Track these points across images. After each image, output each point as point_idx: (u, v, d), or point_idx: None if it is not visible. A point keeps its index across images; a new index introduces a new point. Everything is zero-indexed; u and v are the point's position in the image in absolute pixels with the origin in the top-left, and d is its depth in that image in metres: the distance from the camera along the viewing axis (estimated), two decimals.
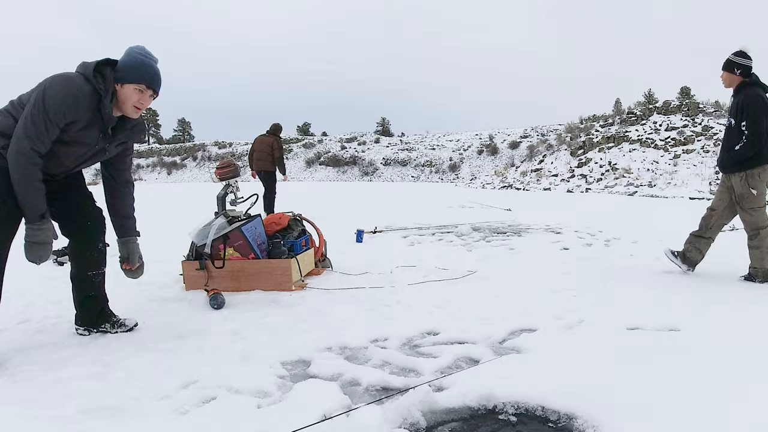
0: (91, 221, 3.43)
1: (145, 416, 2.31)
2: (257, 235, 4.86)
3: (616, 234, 8.27)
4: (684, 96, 36.59)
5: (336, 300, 4.31)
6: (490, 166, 39.78)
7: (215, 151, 56.89)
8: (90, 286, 3.48)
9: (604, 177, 26.24)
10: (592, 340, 3.20)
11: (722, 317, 3.63)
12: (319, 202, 16.97)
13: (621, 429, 2.06)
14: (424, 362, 2.90)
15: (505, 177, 31.38)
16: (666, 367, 2.69)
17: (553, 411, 2.29)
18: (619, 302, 4.09)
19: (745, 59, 5.16)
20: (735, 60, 5.18)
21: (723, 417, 2.13)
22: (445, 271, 5.40)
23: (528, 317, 3.72)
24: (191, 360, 2.97)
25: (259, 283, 4.65)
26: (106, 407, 2.38)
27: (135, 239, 3.57)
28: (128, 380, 2.69)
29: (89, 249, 3.44)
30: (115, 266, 3.62)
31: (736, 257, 5.90)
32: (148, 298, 4.44)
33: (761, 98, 5.14)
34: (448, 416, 2.31)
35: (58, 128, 2.90)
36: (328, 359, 2.99)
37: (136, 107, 3.11)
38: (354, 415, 2.23)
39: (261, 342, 3.29)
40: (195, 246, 4.78)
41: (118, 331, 3.49)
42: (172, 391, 2.56)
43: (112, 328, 3.49)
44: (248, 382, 2.63)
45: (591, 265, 5.72)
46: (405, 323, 3.57)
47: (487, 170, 37.99)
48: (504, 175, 31.79)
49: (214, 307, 4.08)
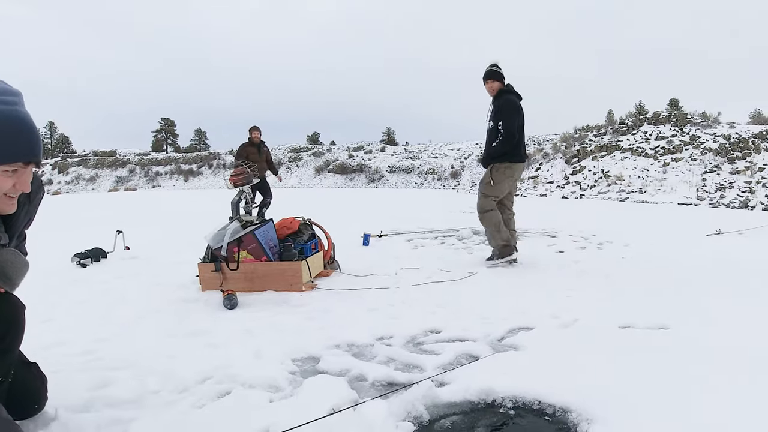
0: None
1: (165, 408, 2.32)
2: (269, 239, 4.87)
3: (608, 237, 8.25)
4: (673, 107, 36.45)
5: (343, 300, 4.31)
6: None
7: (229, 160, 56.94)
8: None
9: (597, 184, 26.19)
10: (586, 338, 3.19)
11: (709, 316, 3.62)
12: (327, 207, 16.99)
13: (613, 421, 2.05)
14: (427, 359, 2.90)
15: None
16: (655, 364, 2.68)
17: (548, 405, 2.28)
18: (611, 302, 4.08)
19: (500, 69, 6.01)
20: (497, 70, 5.99)
21: (707, 410, 2.13)
22: (446, 273, 5.40)
23: (525, 316, 3.71)
24: (207, 356, 2.97)
25: (271, 284, 4.65)
26: (127, 400, 2.39)
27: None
28: (148, 374, 2.70)
29: None
30: (137, 267, 3.61)
31: (724, 261, 5.89)
32: (167, 298, 4.45)
33: (515, 103, 5.96)
34: (450, 410, 2.31)
35: None
36: (336, 356, 2.99)
37: (9, 196, 1.83)
38: (361, 409, 2.23)
39: (272, 339, 3.29)
40: (210, 249, 4.79)
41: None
42: (189, 385, 2.56)
43: None
44: (261, 378, 2.63)
45: (585, 267, 5.70)
46: (409, 322, 3.57)
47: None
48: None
49: (227, 306, 4.09)
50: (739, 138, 25.37)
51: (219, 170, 57.60)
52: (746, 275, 5.03)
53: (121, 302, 4.34)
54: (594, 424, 2.06)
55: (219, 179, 52.28)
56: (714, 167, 23.59)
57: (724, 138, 25.87)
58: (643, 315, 3.65)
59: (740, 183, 21.48)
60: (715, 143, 25.59)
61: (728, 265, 5.33)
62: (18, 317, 2.05)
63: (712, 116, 30.06)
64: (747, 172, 22.28)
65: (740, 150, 24.19)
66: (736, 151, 24.16)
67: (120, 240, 7.18)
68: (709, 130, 27.56)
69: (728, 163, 23.57)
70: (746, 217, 13.64)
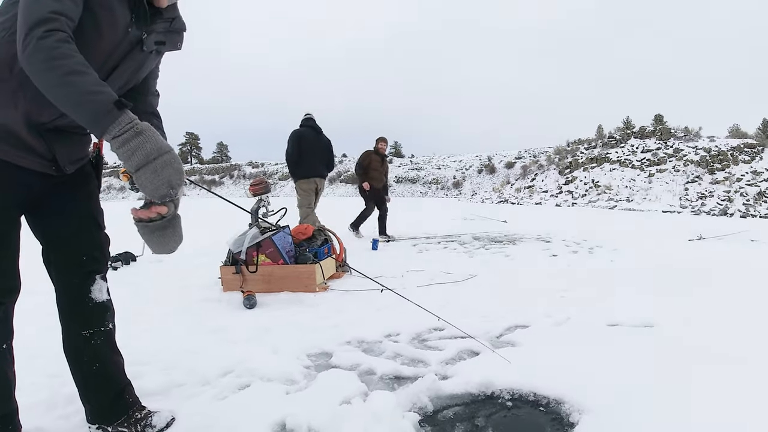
0: (88, 256, 1.83)
1: (190, 400, 2.32)
2: (286, 244, 4.88)
3: (598, 242, 8.21)
4: (657, 122, 36.32)
5: (354, 300, 4.31)
6: (489, 183, 39.60)
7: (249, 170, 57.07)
8: (88, 355, 1.87)
9: (588, 193, 26.08)
10: (578, 334, 3.18)
11: (691, 315, 3.60)
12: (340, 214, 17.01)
13: (602, 411, 2.05)
14: (431, 354, 2.90)
15: (501, 193, 31.25)
16: (641, 358, 2.67)
17: (543, 396, 2.28)
18: (601, 302, 4.06)
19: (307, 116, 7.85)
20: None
21: (687, 401, 2.12)
22: (449, 275, 5.39)
23: (522, 315, 3.70)
24: (228, 352, 2.98)
25: (287, 285, 4.66)
26: (155, 392, 2.40)
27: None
28: (174, 368, 2.71)
29: (79, 297, 1.84)
30: (164, 270, 3.62)
31: (705, 264, 5.86)
32: (191, 299, 4.46)
33: (295, 133, 7.63)
34: (452, 401, 2.30)
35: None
36: (348, 351, 2.99)
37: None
38: (370, 400, 2.23)
39: (289, 336, 3.30)
40: (232, 253, 4.81)
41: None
42: (212, 379, 2.57)
43: (135, 429, 1.92)
44: (278, 372, 2.64)
45: (577, 270, 5.68)
46: (414, 320, 3.57)
47: (486, 187, 37.80)
48: (501, 191, 31.65)
49: (247, 306, 4.09)
50: (719, 151, 25.21)
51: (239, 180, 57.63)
52: (725, 277, 5.00)
53: (149, 302, 4.36)
54: (585, 414, 2.06)
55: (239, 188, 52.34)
56: (695, 178, 23.45)
57: (704, 151, 25.73)
58: (630, 314, 3.63)
59: (720, 192, 21.33)
60: (696, 155, 25.45)
61: (708, 268, 5.30)
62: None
63: (694, 131, 29.85)
64: (726, 183, 22.14)
65: (720, 162, 24.04)
66: (716, 163, 24.01)
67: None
68: (691, 144, 27.40)
69: (709, 174, 23.42)
70: (725, 223, 13.56)
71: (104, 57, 1.62)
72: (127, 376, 2.04)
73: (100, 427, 1.93)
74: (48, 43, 1.35)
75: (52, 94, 1.38)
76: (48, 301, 2.13)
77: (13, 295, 1.70)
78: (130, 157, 1.41)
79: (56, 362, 2.68)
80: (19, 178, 1.64)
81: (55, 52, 1.35)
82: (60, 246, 1.82)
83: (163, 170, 1.43)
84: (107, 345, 1.92)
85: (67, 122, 1.64)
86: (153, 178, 1.42)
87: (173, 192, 1.46)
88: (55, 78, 1.35)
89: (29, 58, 1.36)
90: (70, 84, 1.35)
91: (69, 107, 1.38)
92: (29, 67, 1.37)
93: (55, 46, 1.35)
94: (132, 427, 1.92)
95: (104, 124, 1.38)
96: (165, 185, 1.44)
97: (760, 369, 2.51)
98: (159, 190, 1.44)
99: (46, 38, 1.35)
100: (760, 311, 3.72)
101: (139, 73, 1.81)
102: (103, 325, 1.89)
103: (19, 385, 1.81)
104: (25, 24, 1.38)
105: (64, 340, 1.89)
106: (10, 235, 1.66)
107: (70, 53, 1.37)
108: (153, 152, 1.42)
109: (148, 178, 1.42)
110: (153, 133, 1.44)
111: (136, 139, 1.41)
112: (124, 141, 1.40)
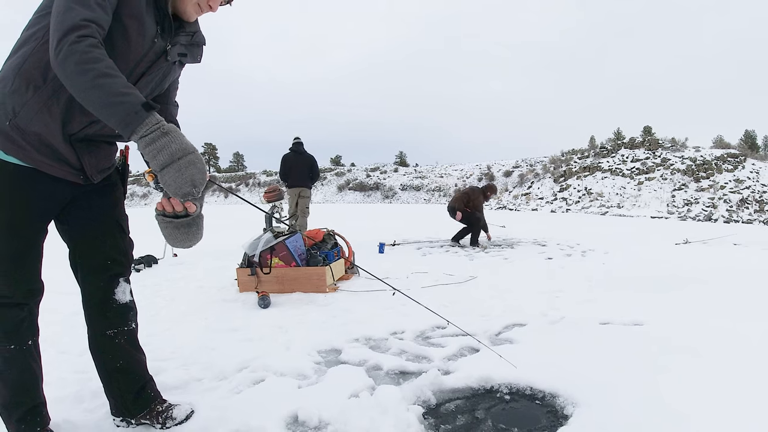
0: (113, 260, 1.84)
1: (207, 394, 2.32)
2: (298, 247, 4.89)
3: (591, 246, 8.18)
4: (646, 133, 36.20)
5: (362, 300, 4.31)
6: None
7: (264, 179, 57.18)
8: (113, 353, 1.88)
9: (581, 200, 26.00)
10: (571, 332, 3.17)
11: (678, 314, 3.58)
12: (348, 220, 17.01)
13: (594, 404, 2.05)
14: (434, 351, 2.89)
15: (500, 200, 31.19)
16: (631, 355, 2.66)
17: (539, 390, 2.27)
18: (593, 302, 4.04)
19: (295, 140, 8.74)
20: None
21: (673, 395, 2.11)
22: (451, 277, 5.38)
23: (519, 314, 3.69)
24: (244, 349, 2.98)
25: (299, 286, 4.66)
26: (174, 386, 2.40)
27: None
28: (192, 364, 2.71)
29: (104, 299, 1.84)
30: (183, 272, 3.62)
31: (691, 266, 5.83)
32: (209, 299, 4.47)
33: (282, 157, 8.61)
34: (454, 395, 2.30)
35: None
36: (356, 348, 2.98)
37: (198, 4, 1.71)
38: (377, 394, 2.23)
39: (301, 334, 3.30)
40: (247, 256, 4.82)
41: (166, 426, 1.94)
42: (228, 374, 2.57)
43: (156, 421, 1.94)
44: (290, 367, 2.64)
45: (571, 272, 5.65)
46: (418, 319, 3.56)
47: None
48: (499, 198, 31.60)
49: (261, 306, 4.10)
50: (704, 160, 25.12)
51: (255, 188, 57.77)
52: (709, 279, 4.97)
53: (169, 302, 4.37)
54: (578, 406, 2.06)
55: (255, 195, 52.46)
56: (682, 185, 23.35)
57: (690, 160, 25.62)
58: (620, 313, 3.61)
59: (705, 199, 21.25)
60: (683, 165, 25.35)
61: (694, 270, 5.27)
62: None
63: (681, 141, 29.74)
64: (710, 190, 22.05)
65: (705, 171, 23.95)
66: (701, 172, 23.92)
67: (168, 248, 7.17)
68: (678, 154, 27.30)
69: (694, 182, 23.32)
70: (710, 228, 13.50)
71: (132, 65, 1.63)
72: (149, 371, 2.04)
73: (124, 420, 1.95)
74: (80, 47, 1.37)
75: (83, 97, 1.38)
76: (74, 302, 2.13)
77: (37, 296, 1.73)
78: (156, 156, 1.41)
79: (82, 359, 2.70)
80: (51, 189, 1.66)
81: (87, 56, 1.36)
82: (86, 250, 1.83)
83: (187, 169, 1.42)
84: (130, 343, 1.93)
85: (95, 131, 1.66)
86: (177, 177, 1.42)
87: (196, 191, 1.45)
88: (87, 81, 1.36)
89: (62, 62, 1.37)
90: (101, 86, 1.36)
91: (99, 108, 1.38)
92: (62, 70, 1.38)
93: (86, 51, 1.37)
94: (154, 420, 1.94)
95: (133, 125, 1.39)
96: (188, 183, 1.43)
97: (738, 364, 2.49)
98: (182, 188, 1.43)
99: (78, 43, 1.37)
100: (744, 309, 3.70)
101: (163, 83, 1.81)
102: (126, 324, 1.90)
103: (47, 381, 1.82)
104: (58, 30, 1.39)
105: (90, 338, 1.90)
106: (36, 241, 1.68)
107: (100, 57, 1.39)
108: (178, 152, 1.42)
109: (173, 176, 1.42)
110: (178, 134, 1.44)
111: (162, 139, 1.41)
112: (150, 140, 1.40)
